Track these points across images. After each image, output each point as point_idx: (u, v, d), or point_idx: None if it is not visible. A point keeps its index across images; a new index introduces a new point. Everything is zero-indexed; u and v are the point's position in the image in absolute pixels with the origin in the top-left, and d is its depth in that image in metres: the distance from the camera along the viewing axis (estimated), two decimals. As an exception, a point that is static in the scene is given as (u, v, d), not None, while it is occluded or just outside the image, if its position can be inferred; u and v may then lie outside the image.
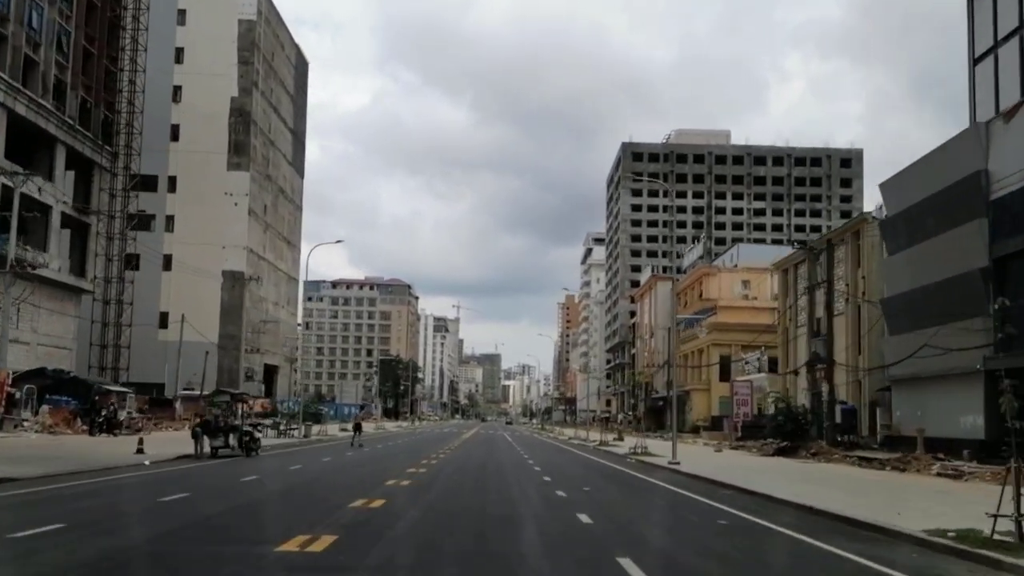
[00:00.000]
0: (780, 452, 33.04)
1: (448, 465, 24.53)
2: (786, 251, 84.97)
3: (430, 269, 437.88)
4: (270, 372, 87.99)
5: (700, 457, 29.47)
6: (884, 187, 32.03)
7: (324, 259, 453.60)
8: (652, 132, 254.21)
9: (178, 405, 50.94)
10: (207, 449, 24.28)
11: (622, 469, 25.71)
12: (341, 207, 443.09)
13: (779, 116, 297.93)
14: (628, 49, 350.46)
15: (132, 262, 78.23)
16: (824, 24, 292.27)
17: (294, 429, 37.72)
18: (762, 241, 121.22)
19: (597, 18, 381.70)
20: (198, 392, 52.27)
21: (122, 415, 36.92)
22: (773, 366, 53.02)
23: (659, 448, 34.04)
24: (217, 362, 76.62)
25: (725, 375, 63.07)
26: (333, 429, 54.01)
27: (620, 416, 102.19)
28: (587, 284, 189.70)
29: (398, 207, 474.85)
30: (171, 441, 29.06)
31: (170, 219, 78.48)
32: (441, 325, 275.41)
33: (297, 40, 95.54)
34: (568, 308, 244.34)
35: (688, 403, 63.94)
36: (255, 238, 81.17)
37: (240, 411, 27.74)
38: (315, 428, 43.65)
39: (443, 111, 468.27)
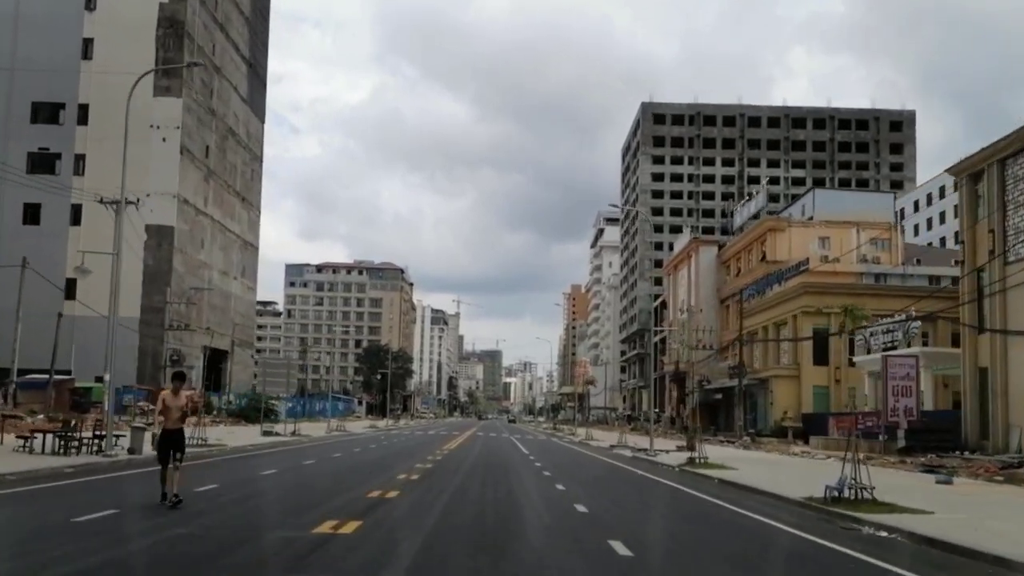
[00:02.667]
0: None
1: None
2: (874, 197, 67.63)
3: (432, 266, 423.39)
4: (217, 358, 70.44)
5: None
6: None
7: (321, 251, 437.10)
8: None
9: (-1, 395, 33.17)
10: None
11: None
12: (343, 204, 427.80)
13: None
14: (631, 42, 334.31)
15: (31, 214, 61.59)
16: (828, 19, 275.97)
17: (100, 437, 18.45)
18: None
19: (600, 10, 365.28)
20: (65, 377, 34.95)
21: None
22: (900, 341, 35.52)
23: (821, 474, 16.11)
24: (138, 342, 59.33)
25: (821, 356, 45.46)
26: (251, 433, 36.53)
27: (654, 414, 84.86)
28: (598, 269, 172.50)
29: (400, 204, 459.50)
30: None
31: (80, 159, 61.18)
32: (439, 317, 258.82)
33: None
34: (574, 299, 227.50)
35: (768, 395, 46.41)
36: (191, 185, 63.65)
37: None
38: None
39: (444, 106, 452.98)
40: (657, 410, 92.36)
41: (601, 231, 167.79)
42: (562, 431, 70.92)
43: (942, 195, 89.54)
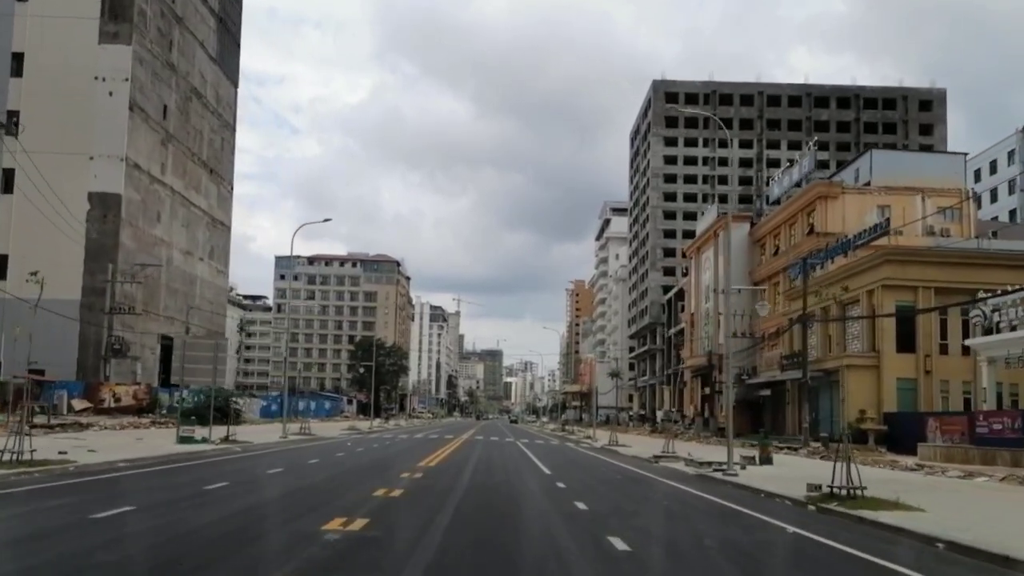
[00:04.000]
0: None
1: None
2: (940, 159, 58.83)
3: (432, 266, 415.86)
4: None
5: None
6: None
7: (321, 252, 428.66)
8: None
9: None
10: None
11: None
12: (343, 204, 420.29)
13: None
14: (632, 40, 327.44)
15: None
16: (829, 19, 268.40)
17: None
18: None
19: (601, 8, 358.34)
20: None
21: None
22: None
23: None
24: (79, 329, 50.69)
25: (906, 342, 36.71)
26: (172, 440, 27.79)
27: (674, 413, 76.58)
28: (604, 261, 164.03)
29: (400, 203, 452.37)
30: None
31: (13, 116, 52.50)
32: (438, 314, 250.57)
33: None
34: (578, 295, 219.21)
35: (836, 390, 37.66)
36: (144, 148, 55.00)
37: None
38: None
39: (444, 104, 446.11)
40: (675, 409, 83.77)
41: (607, 222, 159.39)
42: (574, 433, 62.19)
43: (993, 170, 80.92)
